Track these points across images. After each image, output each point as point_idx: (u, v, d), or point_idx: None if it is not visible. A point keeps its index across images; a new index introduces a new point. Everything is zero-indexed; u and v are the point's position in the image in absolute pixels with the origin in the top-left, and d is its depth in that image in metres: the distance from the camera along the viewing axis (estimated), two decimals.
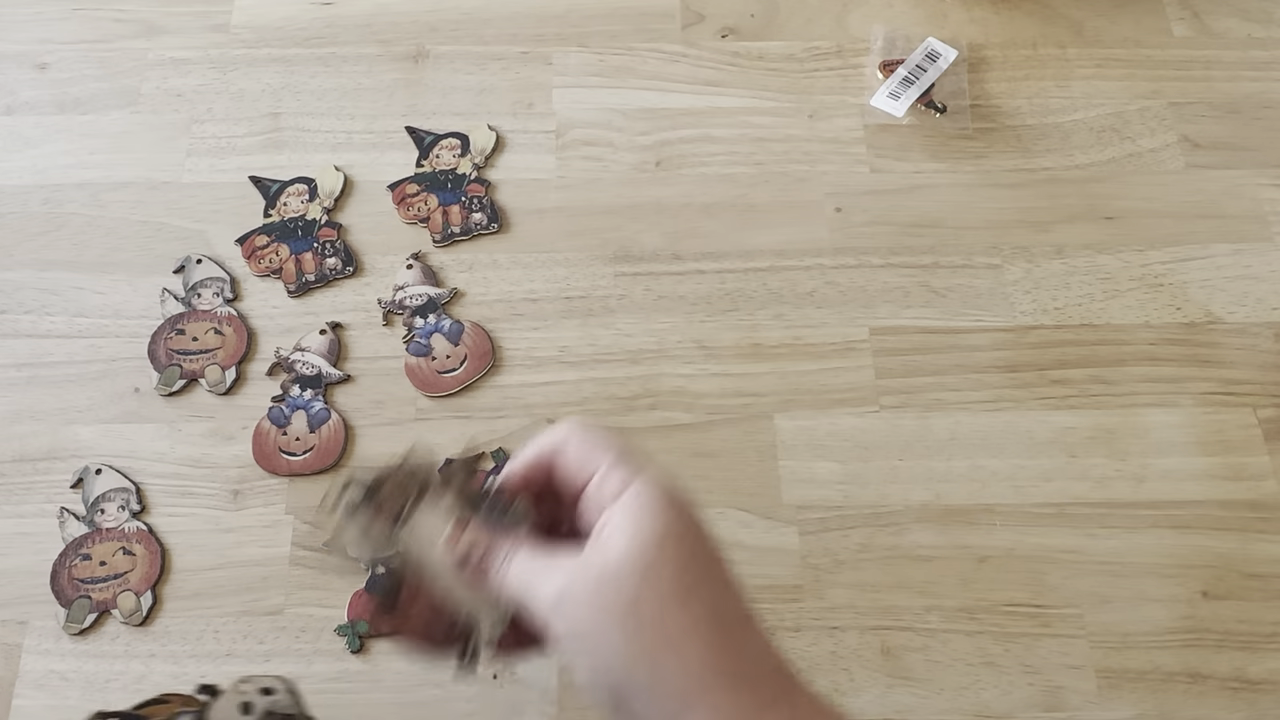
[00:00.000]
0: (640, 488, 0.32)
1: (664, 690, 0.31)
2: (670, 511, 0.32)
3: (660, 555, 0.31)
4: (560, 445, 0.35)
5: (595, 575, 0.31)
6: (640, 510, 0.32)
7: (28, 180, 0.62)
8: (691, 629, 0.31)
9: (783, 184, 0.62)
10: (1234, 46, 0.67)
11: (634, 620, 0.30)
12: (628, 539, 0.31)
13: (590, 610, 0.31)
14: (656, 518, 0.31)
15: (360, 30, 0.67)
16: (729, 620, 0.32)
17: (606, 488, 0.33)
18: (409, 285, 0.59)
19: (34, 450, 0.55)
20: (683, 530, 0.32)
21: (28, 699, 0.49)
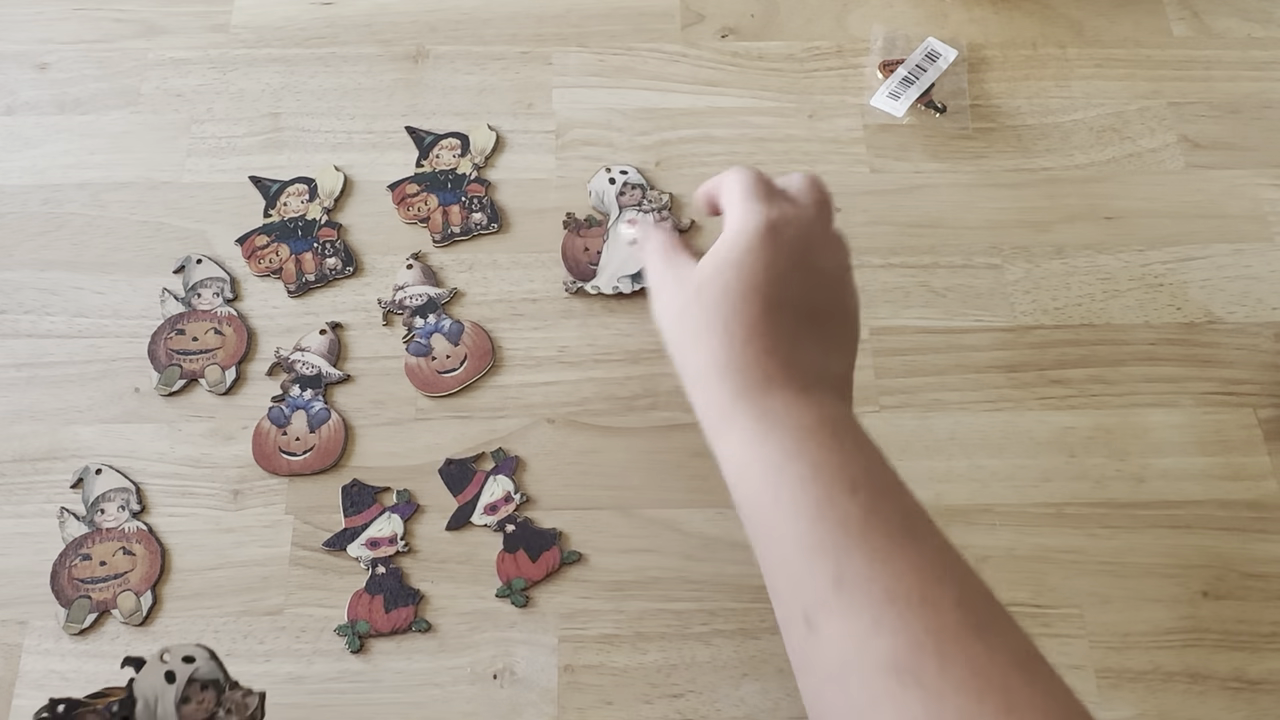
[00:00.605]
0: (729, 227, 0.43)
1: (688, 374, 0.42)
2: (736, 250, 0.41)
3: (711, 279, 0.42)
4: (714, 182, 0.46)
5: (675, 278, 0.44)
6: (720, 246, 0.42)
7: (28, 180, 0.62)
8: (707, 331, 0.41)
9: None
10: (1234, 46, 0.67)
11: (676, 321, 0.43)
12: (701, 266, 0.42)
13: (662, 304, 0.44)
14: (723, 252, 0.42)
15: (360, 30, 0.67)
16: (741, 333, 0.40)
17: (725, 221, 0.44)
18: (409, 285, 0.59)
19: (34, 450, 0.55)
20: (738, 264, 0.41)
21: (28, 699, 0.49)
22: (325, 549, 0.53)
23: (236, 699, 0.38)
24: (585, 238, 0.60)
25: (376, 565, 0.52)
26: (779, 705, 0.50)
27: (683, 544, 0.53)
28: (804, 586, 0.36)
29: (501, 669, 0.50)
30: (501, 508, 0.53)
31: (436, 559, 0.53)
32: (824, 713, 0.36)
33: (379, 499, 0.54)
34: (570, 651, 0.51)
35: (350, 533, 0.53)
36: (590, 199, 0.61)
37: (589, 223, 0.61)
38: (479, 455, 0.55)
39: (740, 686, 0.50)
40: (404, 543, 0.53)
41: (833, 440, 0.39)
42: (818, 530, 0.36)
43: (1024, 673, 0.33)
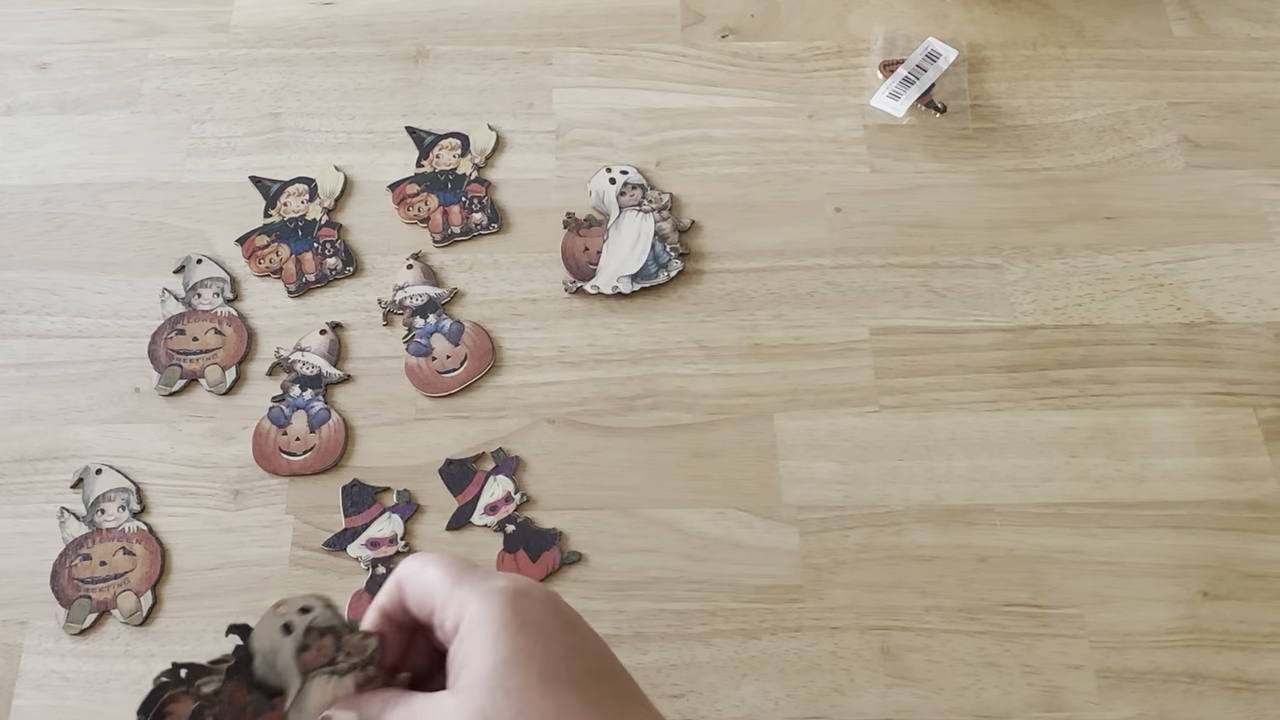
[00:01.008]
0: (467, 625, 0.33)
1: None
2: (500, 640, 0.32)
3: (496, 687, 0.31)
4: (400, 587, 0.35)
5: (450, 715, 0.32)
6: (471, 650, 0.32)
7: (28, 180, 0.62)
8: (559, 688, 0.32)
9: (783, 184, 0.62)
10: (1234, 46, 0.67)
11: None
12: (467, 679, 0.32)
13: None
14: (487, 654, 0.32)
15: (360, 30, 0.67)
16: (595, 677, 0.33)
17: (446, 626, 0.33)
18: (409, 285, 0.59)
19: (34, 450, 0.55)
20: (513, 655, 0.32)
21: (28, 699, 0.49)
22: (325, 549, 0.53)
23: (355, 642, 0.36)
24: (585, 238, 0.60)
25: (377, 565, 0.52)
26: (779, 705, 0.50)
27: (683, 544, 0.53)
28: None
29: None
30: (501, 508, 0.53)
31: None
32: None
33: (379, 499, 0.54)
34: None
35: (350, 533, 0.53)
36: (590, 199, 0.61)
37: (589, 223, 0.61)
38: (479, 455, 0.55)
39: (740, 686, 0.50)
40: (404, 543, 0.53)
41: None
42: None
43: None
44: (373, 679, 0.34)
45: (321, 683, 0.34)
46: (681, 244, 0.60)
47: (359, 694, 0.34)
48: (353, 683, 0.34)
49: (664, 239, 0.60)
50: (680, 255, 0.59)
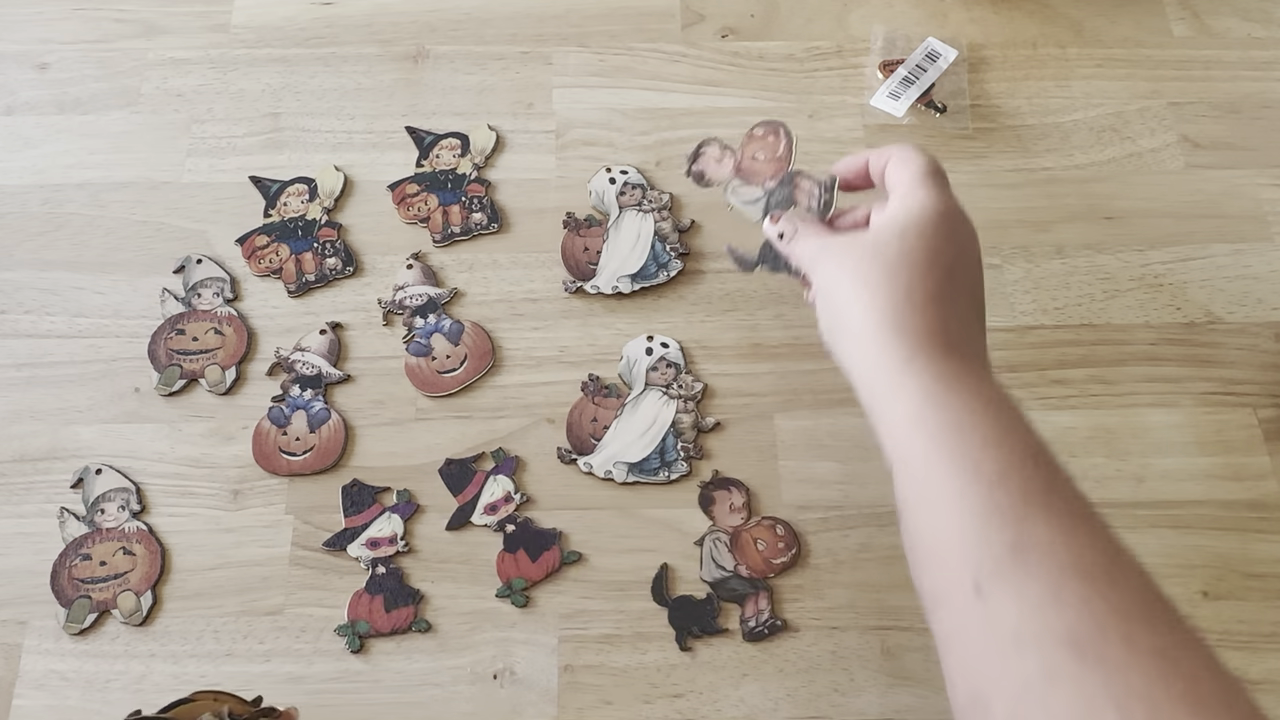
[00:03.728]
0: (906, 200, 0.43)
1: (850, 329, 0.42)
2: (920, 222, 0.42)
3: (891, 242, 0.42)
4: (880, 155, 0.47)
5: (842, 244, 0.44)
6: (899, 214, 0.43)
7: (28, 180, 0.62)
8: (887, 289, 0.41)
9: None
10: (1234, 46, 0.67)
11: (851, 276, 0.42)
12: (875, 228, 0.44)
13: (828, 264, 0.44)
14: (904, 220, 0.43)
15: (360, 30, 0.67)
16: (920, 297, 0.41)
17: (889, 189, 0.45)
18: (409, 285, 0.59)
19: (34, 450, 0.55)
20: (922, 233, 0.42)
21: (28, 699, 0.49)
22: (325, 549, 0.53)
23: (687, 381, 0.54)
24: (585, 238, 0.60)
25: (376, 565, 0.52)
26: (779, 705, 0.50)
27: (683, 544, 0.53)
28: (975, 552, 0.34)
29: (501, 669, 0.50)
30: (501, 508, 0.53)
31: (436, 559, 0.53)
32: (982, 685, 0.34)
33: (379, 499, 0.54)
34: (570, 651, 0.51)
35: (350, 533, 0.53)
36: (590, 199, 0.61)
37: (589, 223, 0.61)
38: (479, 455, 0.55)
39: (740, 686, 0.50)
40: (404, 543, 0.53)
41: (1012, 411, 0.38)
42: (997, 495, 0.35)
43: (1211, 666, 0.31)
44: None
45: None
46: (681, 244, 0.60)
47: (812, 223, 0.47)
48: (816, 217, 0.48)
49: (664, 239, 0.60)
50: (680, 255, 0.59)
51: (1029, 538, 0.34)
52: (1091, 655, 0.31)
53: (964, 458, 0.36)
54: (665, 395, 0.56)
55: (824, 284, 0.44)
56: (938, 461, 0.37)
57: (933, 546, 0.37)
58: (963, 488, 0.36)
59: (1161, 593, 0.34)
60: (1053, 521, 0.34)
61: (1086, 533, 0.34)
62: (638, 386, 0.56)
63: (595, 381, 0.56)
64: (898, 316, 0.41)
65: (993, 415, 0.38)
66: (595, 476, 0.54)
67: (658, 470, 0.54)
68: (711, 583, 0.52)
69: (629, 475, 0.54)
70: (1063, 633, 0.32)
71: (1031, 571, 0.33)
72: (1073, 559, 0.33)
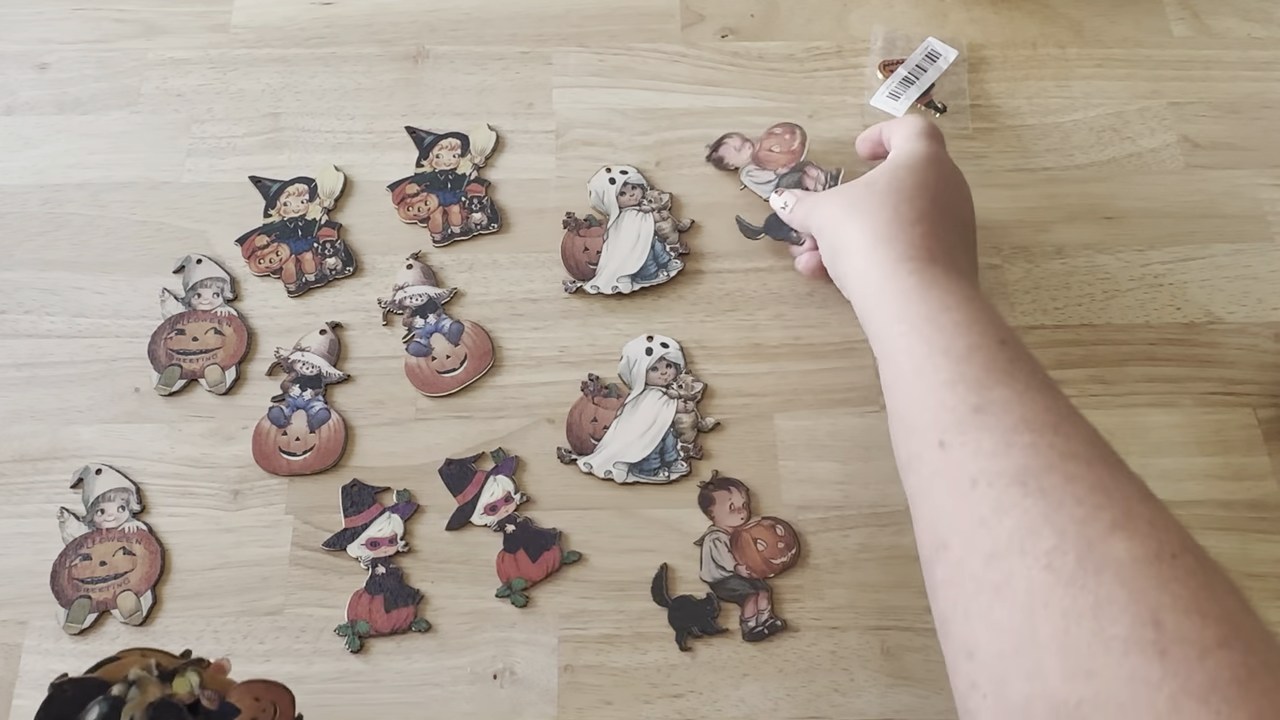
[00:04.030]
0: (900, 149, 0.52)
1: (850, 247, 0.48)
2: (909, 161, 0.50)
3: (881, 177, 0.50)
4: (889, 124, 0.55)
5: (839, 188, 0.52)
6: (893, 158, 0.51)
7: (28, 180, 0.62)
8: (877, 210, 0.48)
9: None
10: (1234, 46, 0.67)
11: (847, 206, 0.50)
12: (869, 173, 0.51)
13: (827, 205, 0.51)
14: (896, 160, 0.51)
15: (360, 30, 0.67)
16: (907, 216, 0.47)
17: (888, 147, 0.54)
18: (409, 285, 0.59)
19: (34, 450, 0.55)
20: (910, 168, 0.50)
21: (28, 699, 0.49)
22: (325, 549, 0.53)
23: (687, 381, 0.54)
24: (585, 238, 0.60)
25: (376, 565, 0.52)
26: (779, 705, 0.50)
27: (683, 544, 0.53)
28: (941, 415, 0.40)
29: (501, 669, 0.50)
30: (501, 508, 0.53)
31: (436, 559, 0.53)
32: (942, 528, 0.38)
33: (379, 499, 0.54)
34: (570, 651, 0.51)
35: (350, 533, 0.53)
36: (590, 199, 0.61)
37: (589, 223, 0.61)
38: (479, 455, 0.55)
39: (740, 686, 0.50)
40: (404, 543, 0.53)
41: (985, 307, 0.44)
42: (963, 368, 0.40)
43: (1146, 499, 0.36)
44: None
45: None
46: (681, 244, 0.60)
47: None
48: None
49: (664, 239, 0.60)
50: (680, 255, 0.59)
51: (988, 400, 0.39)
52: (1034, 488, 0.36)
53: (937, 340, 0.42)
54: (665, 395, 0.56)
55: (824, 221, 0.51)
56: (915, 345, 0.43)
57: (905, 416, 0.42)
58: (935, 364, 0.41)
59: (1104, 443, 0.39)
60: (1013, 386, 0.39)
61: (1040, 396, 0.39)
62: (638, 386, 0.56)
63: (595, 381, 0.56)
64: (887, 231, 0.47)
65: (965, 307, 0.43)
66: (595, 476, 0.54)
67: (658, 470, 0.54)
68: (711, 583, 0.52)
69: (629, 475, 0.54)
70: (1012, 472, 0.36)
71: (989, 425, 0.38)
72: (1026, 415, 0.38)
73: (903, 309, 0.44)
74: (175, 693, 0.36)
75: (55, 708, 0.35)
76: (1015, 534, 0.35)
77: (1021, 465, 0.36)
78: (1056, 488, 0.36)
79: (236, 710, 0.37)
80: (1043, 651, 0.33)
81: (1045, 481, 0.36)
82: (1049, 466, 0.36)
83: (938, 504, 0.39)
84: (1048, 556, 0.34)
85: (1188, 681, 0.30)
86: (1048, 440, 0.37)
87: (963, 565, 0.37)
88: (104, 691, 0.35)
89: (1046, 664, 0.33)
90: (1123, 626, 0.32)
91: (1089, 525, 0.34)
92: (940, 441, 0.39)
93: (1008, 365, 0.40)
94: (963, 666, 0.36)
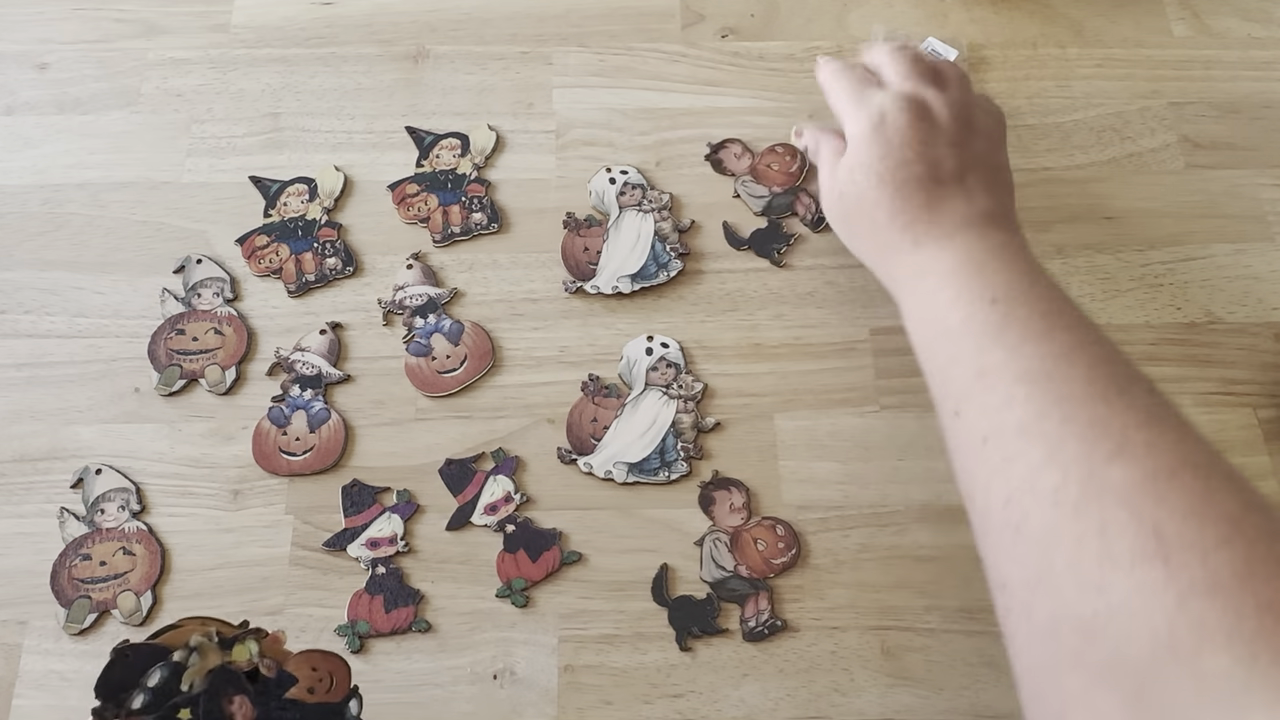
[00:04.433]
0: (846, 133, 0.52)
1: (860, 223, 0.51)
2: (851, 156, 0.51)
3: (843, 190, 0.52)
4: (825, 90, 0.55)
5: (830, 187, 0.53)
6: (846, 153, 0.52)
7: (28, 180, 0.62)
8: (858, 226, 0.51)
9: None
10: (1234, 46, 0.67)
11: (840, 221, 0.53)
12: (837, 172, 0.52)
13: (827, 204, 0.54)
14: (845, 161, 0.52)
15: (360, 30, 0.67)
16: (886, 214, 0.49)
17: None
18: (409, 285, 0.59)
19: (34, 450, 0.55)
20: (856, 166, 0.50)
21: (28, 699, 0.49)
22: (325, 549, 0.53)
23: (687, 381, 0.54)
24: (585, 238, 0.60)
25: (376, 565, 0.52)
26: (779, 705, 0.50)
27: (683, 544, 0.53)
28: (953, 385, 0.44)
29: (501, 669, 0.50)
30: (501, 508, 0.53)
31: (436, 559, 0.53)
32: (966, 482, 0.42)
33: (379, 499, 0.54)
34: (570, 651, 0.51)
35: (350, 533, 0.53)
36: (590, 199, 0.61)
37: (589, 223, 0.61)
38: (479, 455, 0.55)
39: (740, 686, 0.50)
40: (404, 543, 0.53)
41: (974, 269, 0.46)
42: (961, 343, 0.44)
43: (1144, 425, 0.38)
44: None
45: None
46: (681, 244, 0.60)
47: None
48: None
49: (664, 239, 0.60)
50: (680, 255, 0.59)
51: (986, 364, 0.42)
52: (1036, 434, 0.39)
53: (934, 325, 0.46)
54: (665, 395, 0.56)
55: (829, 212, 0.54)
56: (921, 333, 0.47)
57: (934, 393, 0.46)
58: (937, 349, 0.46)
59: (1104, 376, 0.40)
60: (1005, 345, 0.42)
61: (1034, 346, 0.42)
62: (638, 386, 0.56)
63: (595, 381, 0.56)
64: (872, 243, 0.51)
65: (956, 279, 0.46)
66: (595, 476, 0.54)
67: (658, 470, 0.54)
68: (711, 583, 0.52)
69: (629, 475, 0.54)
70: (1014, 425, 0.40)
71: (990, 386, 0.42)
72: (1020, 370, 0.41)
73: (908, 303, 0.49)
74: (234, 660, 0.36)
75: (117, 672, 0.35)
76: (1024, 478, 0.38)
77: (1021, 417, 0.40)
78: (1055, 431, 0.39)
79: (294, 679, 0.37)
80: (1059, 577, 0.36)
81: (1044, 427, 0.39)
82: (1044, 413, 0.39)
83: (962, 465, 0.43)
84: (1054, 493, 0.37)
85: (1192, 581, 0.33)
86: (1042, 389, 0.40)
87: (987, 514, 0.40)
88: (165, 658, 0.35)
89: (1064, 587, 0.36)
90: (1126, 542, 0.34)
91: (1088, 459, 0.37)
92: (955, 411, 0.43)
93: (1000, 325, 0.43)
94: (999, 598, 0.40)
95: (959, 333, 0.44)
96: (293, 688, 0.37)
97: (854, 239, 0.53)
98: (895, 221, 0.49)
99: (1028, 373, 0.41)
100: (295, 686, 0.37)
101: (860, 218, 0.51)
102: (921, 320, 0.47)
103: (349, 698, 0.39)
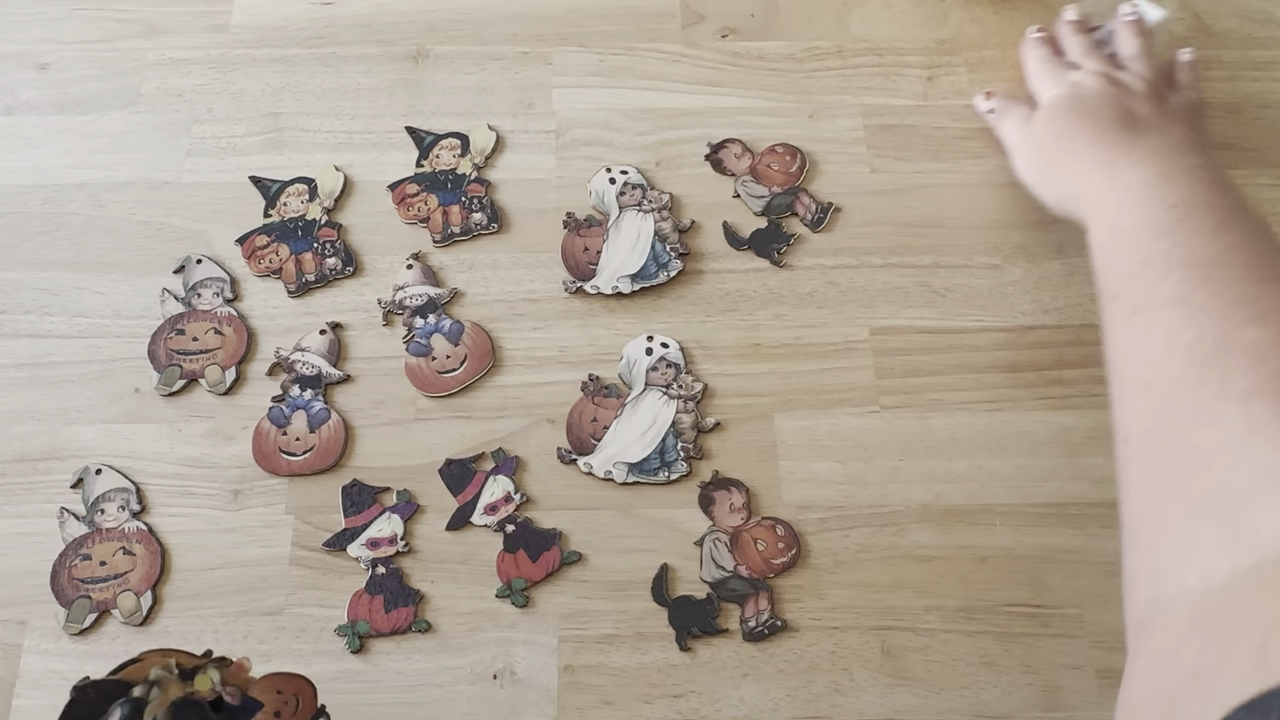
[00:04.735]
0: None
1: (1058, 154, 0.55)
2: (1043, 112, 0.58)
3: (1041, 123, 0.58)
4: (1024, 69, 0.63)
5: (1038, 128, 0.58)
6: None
7: (28, 180, 0.62)
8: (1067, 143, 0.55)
9: None
10: (1234, 46, 0.67)
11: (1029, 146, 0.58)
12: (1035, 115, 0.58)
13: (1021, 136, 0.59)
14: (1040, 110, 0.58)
15: (360, 30, 0.67)
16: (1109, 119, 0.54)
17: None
18: (409, 285, 0.59)
19: (34, 450, 0.55)
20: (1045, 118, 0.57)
21: (28, 699, 0.49)
22: (325, 549, 0.53)
23: (687, 381, 0.55)
24: (585, 238, 0.60)
25: (376, 565, 0.52)
26: (779, 705, 0.50)
27: (683, 544, 0.53)
28: (1116, 274, 0.47)
29: (501, 669, 0.50)
30: (501, 508, 0.53)
31: (436, 559, 0.53)
32: (1114, 355, 0.45)
33: (379, 499, 0.54)
34: (570, 651, 0.51)
35: (350, 533, 0.53)
36: (590, 199, 0.61)
37: (589, 223, 0.61)
38: (479, 455, 0.55)
39: (740, 686, 0.50)
40: (404, 543, 0.53)
41: (1161, 181, 0.49)
42: (1135, 233, 0.47)
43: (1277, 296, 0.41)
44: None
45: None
46: (681, 244, 0.60)
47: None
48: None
49: (664, 239, 0.60)
50: (680, 255, 0.59)
51: (1153, 253, 0.45)
52: (1181, 306, 0.42)
53: (1115, 221, 0.49)
54: (665, 395, 0.56)
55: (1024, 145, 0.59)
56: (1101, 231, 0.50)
57: (1098, 282, 0.48)
58: (1116, 240, 0.48)
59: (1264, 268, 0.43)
60: (1174, 239, 0.45)
61: (1199, 240, 0.45)
62: (638, 386, 0.56)
63: (595, 381, 0.56)
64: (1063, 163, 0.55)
65: (1142, 191, 0.49)
66: (595, 477, 0.54)
67: (658, 470, 0.54)
68: (711, 583, 0.52)
69: (629, 475, 0.54)
70: (1164, 299, 0.43)
71: (1151, 270, 0.44)
72: (1184, 256, 0.44)
73: (1089, 205, 0.52)
74: (197, 690, 0.36)
75: (78, 711, 0.35)
76: (1163, 338, 0.41)
77: (1173, 292, 0.42)
78: (1200, 302, 0.41)
79: (259, 704, 0.37)
80: (1178, 416, 0.39)
81: (1192, 300, 0.41)
82: (1195, 289, 0.42)
83: (1110, 340, 0.45)
84: (1186, 348, 0.40)
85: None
86: (1199, 272, 0.43)
87: (1125, 378, 0.43)
88: (125, 693, 0.35)
89: (1180, 424, 0.38)
90: (1245, 383, 0.37)
91: (1225, 322, 0.40)
92: (1115, 294, 0.46)
93: (1174, 223, 0.46)
94: (1120, 450, 0.42)
95: (1134, 229, 0.47)
96: (258, 713, 0.37)
97: (1049, 172, 0.56)
98: (1095, 145, 0.53)
99: (1188, 257, 0.44)
100: (261, 711, 0.37)
101: (1060, 148, 0.55)
102: (1102, 223, 0.50)
103: (316, 717, 0.39)
